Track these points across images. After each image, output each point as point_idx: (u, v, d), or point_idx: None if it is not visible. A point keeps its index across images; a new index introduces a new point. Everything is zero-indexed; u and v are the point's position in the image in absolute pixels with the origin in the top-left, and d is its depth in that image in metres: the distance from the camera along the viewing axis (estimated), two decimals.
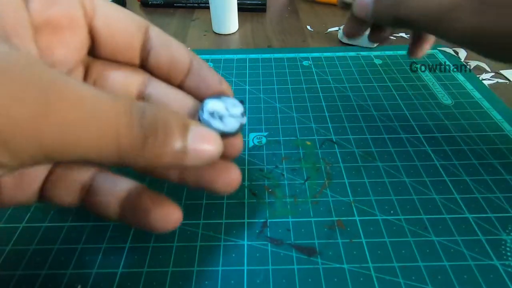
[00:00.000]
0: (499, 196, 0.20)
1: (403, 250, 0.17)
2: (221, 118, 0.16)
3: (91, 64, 0.17)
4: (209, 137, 0.14)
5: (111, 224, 0.18)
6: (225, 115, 0.16)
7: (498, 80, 0.31)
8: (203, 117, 0.16)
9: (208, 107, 0.16)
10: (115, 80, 0.17)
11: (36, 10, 0.14)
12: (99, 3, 0.16)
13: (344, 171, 0.21)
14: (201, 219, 0.19)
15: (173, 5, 0.46)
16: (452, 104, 0.27)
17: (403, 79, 0.30)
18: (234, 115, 0.16)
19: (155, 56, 0.17)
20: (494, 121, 0.25)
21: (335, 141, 0.24)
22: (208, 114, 0.16)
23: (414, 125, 0.25)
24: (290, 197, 0.20)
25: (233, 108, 0.17)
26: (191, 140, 0.13)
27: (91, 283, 0.16)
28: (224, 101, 0.17)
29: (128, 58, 0.17)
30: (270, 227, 0.18)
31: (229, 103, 0.17)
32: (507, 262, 0.17)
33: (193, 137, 0.13)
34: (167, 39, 0.17)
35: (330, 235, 0.18)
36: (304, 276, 0.16)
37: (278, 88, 0.29)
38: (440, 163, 0.22)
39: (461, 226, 0.18)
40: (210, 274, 0.16)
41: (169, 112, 0.13)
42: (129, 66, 0.17)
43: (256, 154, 0.23)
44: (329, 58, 0.33)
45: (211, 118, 0.16)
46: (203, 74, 0.17)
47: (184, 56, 0.17)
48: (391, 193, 0.20)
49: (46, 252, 0.17)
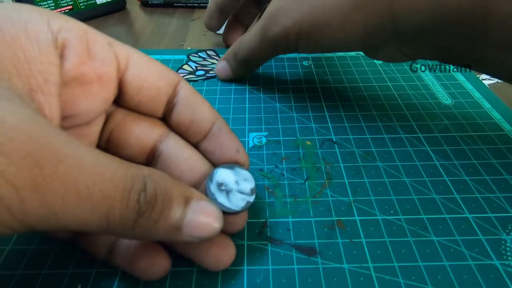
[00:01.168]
0: (499, 196, 0.20)
1: (403, 250, 0.17)
2: (228, 193, 0.15)
3: (113, 112, 0.17)
4: (210, 214, 0.13)
5: None
6: (233, 189, 0.16)
7: (498, 80, 0.31)
8: (210, 188, 0.15)
9: (218, 177, 0.16)
10: (133, 132, 0.16)
11: (70, 67, 0.14)
12: (133, 57, 0.16)
13: (344, 171, 0.21)
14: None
15: (173, 5, 0.46)
16: (452, 104, 0.27)
17: (403, 79, 0.30)
18: (243, 191, 0.16)
19: (178, 113, 0.17)
20: (494, 121, 0.25)
21: (335, 141, 0.24)
22: (216, 186, 0.15)
23: (414, 125, 0.25)
24: (290, 197, 0.20)
25: (243, 183, 0.16)
26: (190, 215, 0.13)
27: (91, 283, 0.16)
28: (236, 173, 0.16)
29: (152, 111, 0.17)
30: (270, 227, 0.18)
31: (241, 176, 0.16)
32: (507, 262, 0.17)
33: (193, 212, 0.13)
34: (194, 98, 0.17)
35: (330, 235, 0.18)
36: (304, 276, 0.16)
37: (278, 88, 0.29)
38: (440, 163, 0.22)
39: (461, 226, 0.18)
40: (210, 274, 0.16)
41: (172, 183, 0.13)
42: (150, 118, 0.17)
43: (256, 154, 0.23)
44: (329, 58, 0.33)
45: (218, 191, 0.15)
46: (221, 139, 0.17)
47: (207, 117, 0.17)
48: (391, 193, 0.20)
49: (46, 252, 0.17)
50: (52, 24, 0.13)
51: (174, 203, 0.12)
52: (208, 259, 0.15)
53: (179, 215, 0.12)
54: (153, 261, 0.15)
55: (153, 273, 0.15)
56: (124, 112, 0.17)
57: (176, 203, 0.12)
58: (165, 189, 0.12)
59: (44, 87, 0.12)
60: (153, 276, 0.15)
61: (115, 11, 0.45)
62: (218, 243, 0.15)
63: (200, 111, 0.17)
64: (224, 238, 0.16)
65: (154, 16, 0.45)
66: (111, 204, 0.11)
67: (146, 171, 0.12)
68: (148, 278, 0.15)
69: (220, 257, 0.15)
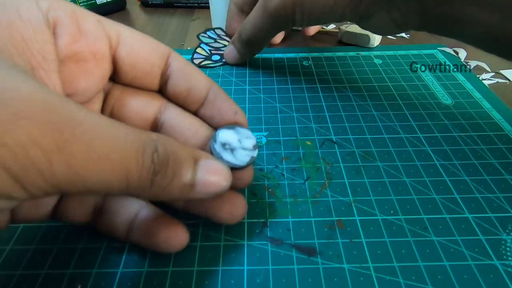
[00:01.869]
0: (499, 196, 0.20)
1: (403, 250, 0.17)
2: (233, 151, 0.16)
3: (110, 89, 0.17)
4: (218, 172, 0.14)
5: None
6: (236, 147, 0.16)
7: (498, 80, 0.31)
8: (215, 148, 0.16)
9: (221, 138, 0.16)
10: (133, 106, 0.17)
11: (64, 44, 0.14)
12: (124, 34, 0.16)
13: (344, 171, 0.21)
14: (201, 219, 0.19)
15: (173, 5, 0.46)
16: (452, 104, 0.27)
17: (403, 79, 0.30)
18: (246, 147, 0.16)
19: (173, 84, 0.17)
20: (494, 121, 0.25)
21: (335, 141, 0.24)
22: (220, 146, 0.16)
23: (414, 125, 0.25)
24: (290, 197, 0.20)
25: (245, 140, 0.17)
26: (200, 174, 0.13)
27: (91, 283, 0.16)
28: (237, 132, 0.17)
29: (147, 85, 0.17)
30: (270, 227, 0.18)
31: (242, 134, 0.17)
32: (507, 262, 0.17)
33: (202, 171, 0.13)
34: (187, 67, 0.17)
35: (330, 235, 0.18)
36: (304, 276, 0.16)
37: (278, 88, 0.29)
38: (440, 163, 0.22)
39: (461, 226, 0.18)
40: (210, 274, 0.16)
41: (179, 146, 0.13)
42: (148, 92, 0.17)
43: None
44: (329, 58, 0.33)
45: (223, 150, 0.16)
46: (219, 103, 0.17)
47: (202, 84, 0.17)
48: (391, 193, 0.20)
49: (46, 252, 0.17)
50: (40, 5, 0.13)
51: (184, 163, 0.13)
52: (222, 214, 0.16)
53: (191, 173, 0.13)
54: (172, 234, 0.16)
55: (172, 245, 0.16)
56: (121, 88, 0.17)
57: (186, 163, 0.13)
58: (174, 151, 0.13)
59: (44, 64, 0.13)
60: (172, 248, 0.16)
61: (115, 11, 0.45)
62: (230, 199, 0.16)
63: (194, 80, 0.17)
64: (235, 194, 0.17)
65: (154, 16, 0.45)
66: (128, 165, 0.11)
67: (154, 136, 0.13)
68: (168, 250, 0.16)
69: (233, 211, 0.16)
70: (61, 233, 0.18)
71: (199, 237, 0.18)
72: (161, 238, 0.16)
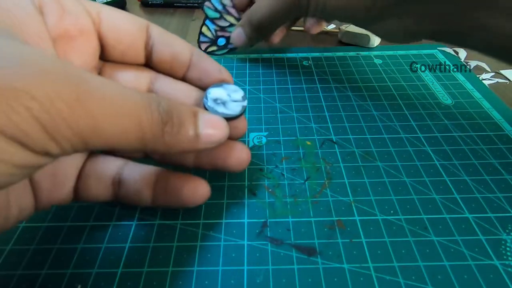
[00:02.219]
0: (499, 196, 0.20)
1: (403, 250, 0.17)
2: (224, 104, 0.17)
3: (102, 67, 0.18)
4: (216, 122, 0.15)
5: (111, 223, 0.19)
6: (227, 100, 0.18)
7: (498, 80, 0.31)
8: (208, 104, 0.17)
9: (211, 95, 0.18)
10: (125, 80, 0.18)
11: (52, 23, 0.15)
12: (102, 9, 0.17)
13: (344, 171, 0.21)
14: (201, 219, 0.19)
15: (173, 5, 0.46)
16: (452, 104, 0.27)
17: (403, 79, 0.30)
18: (236, 99, 0.18)
19: (158, 53, 0.18)
20: (494, 121, 0.25)
21: (335, 141, 0.24)
22: (212, 101, 0.17)
23: (414, 125, 0.25)
24: (290, 197, 0.20)
25: (234, 93, 0.18)
26: (201, 126, 0.14)
27: (91, 283, 0.16)
28: (225, 88, 0.18)
29: (134, 58, 0.18)
30: (270, 227, 0.18)
31: (230, 89, 0.18)
32: (507, 262, 0.17)
33: (203, 123, 0.15)
34: (167, 36, 0.18)
35: (330, 235, 0.18)
36: (304, 276, 0.16)
37: (278, 88, 0.29)
38: (440, 163, 0.22)
39: (461, 226, 0.18)
40: (210, 274, 0.16)
41: (177, 103, 0.14)
42: (136, 66, 0.19)
43: (256, 154, 0.23)
44: (329, 58, 0.33)
45: (215, 104, 0.17)
46: (203, 65, 0.19)
47: (184, 50, 0.18)
48: (391, 193, 0.20)
49: (46, 252, 0.17)
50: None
51: (186, 117, 0.14)
52: (231, 161, 0.18)
53: (193, 125, 0.14)
54: (194, 187, 0.17)
55: (197, 198, 0.17)
56: (111, 65, 0.18)
57: (187, 115, 0.14)
58: (175, 106, 0.14)
59: (42, 44, 0.14)
60: (197, 201, 0.17)
61: None
62: (234, 148, 0.18)
63: (177, 46, 0.18)
64: (237, 143, 0.18)
65: (154, 16, 0.45)
66: (139, 117, 0.12)
67: (154, 95, 0.14)
68: (193, 203, 0.17)
69: (240, 157, 0.18)
70: (61, 233, 0.18)
71: (199, 237, 0.18)
72: (185, 193, 0.17)
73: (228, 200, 0.20)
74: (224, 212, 0.19)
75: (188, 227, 0.18)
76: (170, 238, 0.18)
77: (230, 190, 0.20)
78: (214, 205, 0.19)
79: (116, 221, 0.19)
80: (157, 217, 0.19)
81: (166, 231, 0.18)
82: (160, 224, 0.18)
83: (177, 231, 0.18)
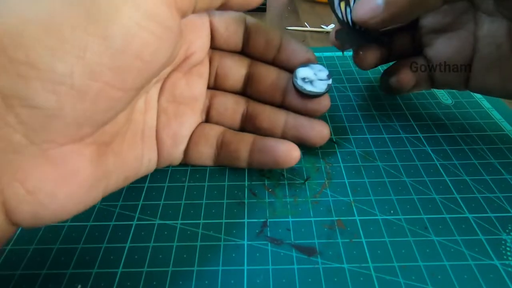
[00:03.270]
0: (499, 196, 0.20)
1: (403, 250, 0.17)
2: (311, 82, 0.20)
3: (211, 55, 0.21)
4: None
5: (111, 223, 0.19)
6: (314, 79, 0.20)
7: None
8: (298, 83, 0.20)
9: (300, 74, 0.20)
10: (231, 65, 0.21)
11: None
12: None
13: (344, 171, 0.21)
14: (201, 219, 0.19)
15: None
16: (452, 104, 0.27)
17: None
18: (322, 78, 0.20)
19: (254, 40, 0.21)
20: (494, 120, 0.25)
21: (335, 141, 0.24)
22: (301, 80, 0.20)
23: (414, 125, 0.25)
24: (290, 197, 0.20)
25: (320, 73, 0.20)
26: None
27: (91, 283, 0.16)
28: (311, 68, 0.20)
29: (234, 45, 0.21)
30: (270, 227, 0.18)
31: (316, 69, 0.20)
32: (507, 262, 0.17)
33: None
34: (258, 23, 0.21)
35: (330, 235, 0.18)
36: (304, 276, 0.16)
37: None
38: (440, 163, 0.22)
39: (461, 225, 0.18)
40: (210, 274, 0.16)
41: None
42: (237, 54, 0.22)
43: None
44: (329, 58, 0.33)
45: (304, 83, 0.20)
46: (292, 47, 0.21)
47: (276, 36, 0.21)
48: (391, 193, 0.20)
49: (46, 252, 0.17)
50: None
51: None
52: (314, 133, 0.20)
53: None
54: (290, 149, 0.19)
55: (291, 158, 0.19)
56: (219, 53, 0.21)
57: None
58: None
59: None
60: (291, 161, 0.19)
61: None
62: (318, 122, 0.21)
63: (269, 32, 0.21)
64: (320, 120, 0.21)
65: None
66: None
67: None
68: (288, 164, 0.19)
69: (322, 131, 0.20)
70: (61, 233, 0.18)
71: (199, 237, 0.18)
72: (280, 153, 0.19)
73: (228, 200, 0.20)
74: (224, 212, 0.19)
75: (188, 227, 0.18)
76: (170, 238, 0.18)
77: (230, 190, 0.20)
78: (214, 205, 0.19)
79: (116, 221, 0.19)
80: (157, 217, 0.19)
81: (166, 231, 0.18)
82: (160, 224, 0.18)
83: (177, 231, 0.18)
